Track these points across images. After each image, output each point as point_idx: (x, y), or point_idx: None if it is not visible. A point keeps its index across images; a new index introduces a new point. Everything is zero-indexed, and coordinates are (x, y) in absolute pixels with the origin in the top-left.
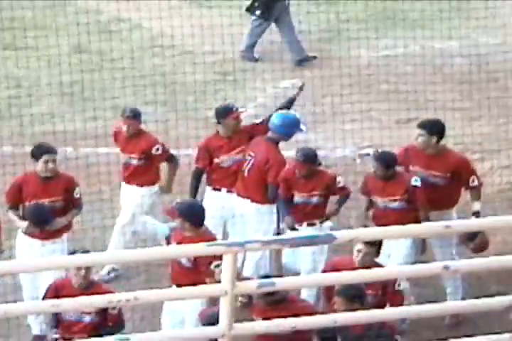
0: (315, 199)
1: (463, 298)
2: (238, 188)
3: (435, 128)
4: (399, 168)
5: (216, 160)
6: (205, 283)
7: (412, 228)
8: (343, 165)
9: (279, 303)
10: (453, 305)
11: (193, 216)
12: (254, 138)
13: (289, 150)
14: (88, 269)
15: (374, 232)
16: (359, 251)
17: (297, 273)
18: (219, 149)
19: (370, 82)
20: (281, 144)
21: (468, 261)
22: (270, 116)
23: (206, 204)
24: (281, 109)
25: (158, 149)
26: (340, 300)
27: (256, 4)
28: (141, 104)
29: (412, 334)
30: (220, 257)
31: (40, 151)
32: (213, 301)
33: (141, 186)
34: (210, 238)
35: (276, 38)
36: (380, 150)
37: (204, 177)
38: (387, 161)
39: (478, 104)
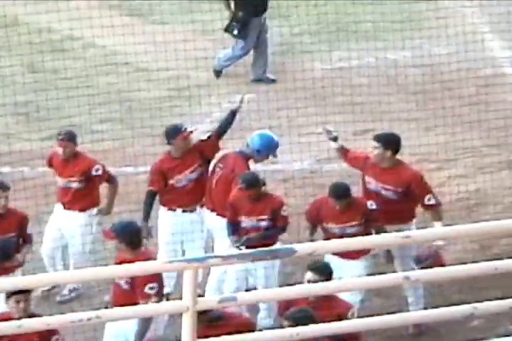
0: (264, 224)
1: (425, 308)
2: (206, 201)
3: (390, 142)
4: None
5: (171, 181)
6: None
7: (371, 239)
8: (301, 178)
9: (216, 321)
10: (415, 314)
11: (128, 237)
12: (204, 154)
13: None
14: (27, 302)
15: (334, 245)
16: (309, 281)
17: None
18: (172, 170)
19: (325, 95)
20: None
21: (428, 271)
22: (217, 131)
23: (162, 223)
24: (224, 122)
25: (98, 170)
26: (288, 324)
27: (233, 23)
28: (97, 122)
29: None
30: (155, 279)
31: None
32: (143, 326)
33: (83, 211)
34: (148, 259)
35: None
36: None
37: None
38: (342, 193)
39: (433, 114)
